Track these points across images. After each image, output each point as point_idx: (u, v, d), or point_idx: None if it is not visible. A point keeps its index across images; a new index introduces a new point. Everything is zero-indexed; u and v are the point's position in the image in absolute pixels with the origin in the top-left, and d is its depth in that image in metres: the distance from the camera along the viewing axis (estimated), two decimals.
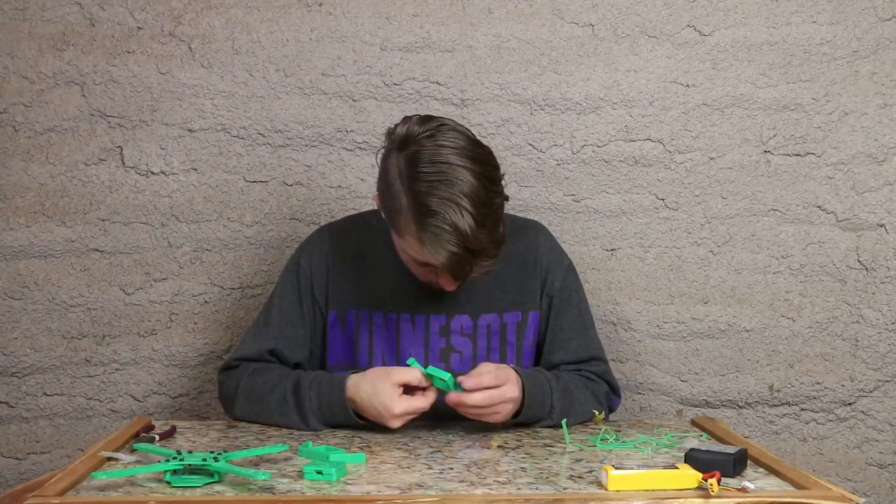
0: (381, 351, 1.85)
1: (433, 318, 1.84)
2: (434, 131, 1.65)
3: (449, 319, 1.84)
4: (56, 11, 2.18)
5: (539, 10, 2.20)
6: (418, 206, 1.61)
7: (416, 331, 1.84)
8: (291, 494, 1.34)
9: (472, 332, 1.84)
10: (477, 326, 1.85)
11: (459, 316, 1.85)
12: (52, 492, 1.32)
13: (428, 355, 1.84)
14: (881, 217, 2.23)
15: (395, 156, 1.67)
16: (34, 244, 2.20)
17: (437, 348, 1.84)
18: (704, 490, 1.34)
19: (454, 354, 1.84)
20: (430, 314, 1.84)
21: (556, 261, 1.90)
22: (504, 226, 1.69)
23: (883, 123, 2.22)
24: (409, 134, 1.66)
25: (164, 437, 1.68)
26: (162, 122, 2.20)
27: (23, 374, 2.23)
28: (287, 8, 2.20)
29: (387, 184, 1.67)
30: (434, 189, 1.61)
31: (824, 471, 2.24)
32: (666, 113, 2.21)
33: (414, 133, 1.65)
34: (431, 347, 1.84)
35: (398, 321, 1.85)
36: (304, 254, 1.91)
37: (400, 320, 1.84)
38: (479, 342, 1.84)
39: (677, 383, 2.24)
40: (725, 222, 2.23)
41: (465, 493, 1.34)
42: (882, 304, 2.23)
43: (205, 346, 2.23)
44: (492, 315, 1.86)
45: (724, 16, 2.21)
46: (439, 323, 1.84)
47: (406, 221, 1.65)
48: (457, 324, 1.84)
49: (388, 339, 1.85)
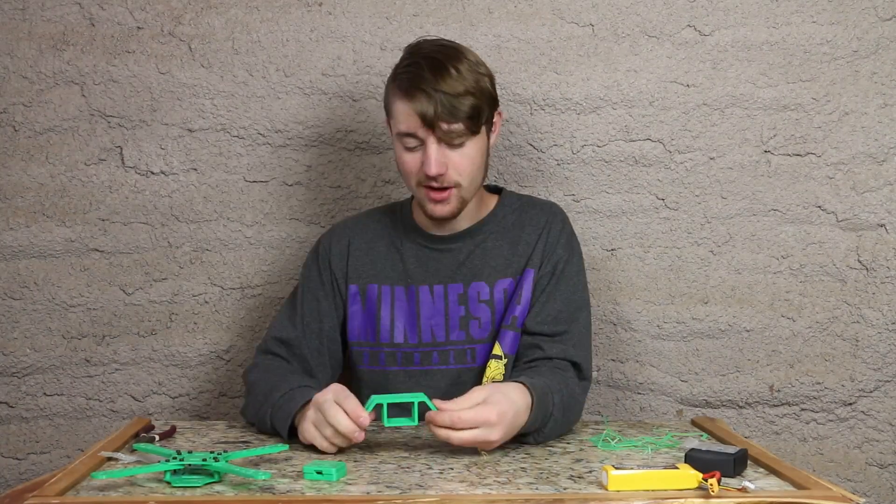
0: (403, 324, 1.87)
1: (451, 287, 1.87)
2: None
3: (466, 287, 1.86)
4: (56, 11, 2.18)
5: (539, 10, 2.20)
6: (396, 65, 1.83)
7: (435, 302, 1.87)
8: (291, 494, 1.34)
9: (489, 299, 1.86)
10: (494, 292, 1.86)
11: (477, 283, 1.87)
12: (52, 492, 1.32)
13: (448, 325, 1.86)
14: (881, 217, 2.22)
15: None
16: (34, 244, 2.20)
17: (457, 317, 1.86)
18: (704, 490, 1.34)
19: (473, 321, 1.85)
20: (447, 283, 1.87)
21: (567, 239, 1.90)
22: (485, 81, 1.81)
23: (883, 123, 2.22)
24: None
25: (164, 437, 1.68)
26: (162, 122, 2.20)
27: (23, 374, 2.23)
28: (287, 8, 2.20)
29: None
30: (411, 55, 1.82)
31: (824, 471, 2.24)
32: (666, 113, 2.21)
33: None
34: (451, 317, 1.86)
35: (417, 293, 1.88)
36: (325, 237, 1.97)
37: (419, 292, 1.88)
38: (496, 307, 1.85)
39: (677, 383, 2.24)
40: (725, 222, 2.23)
41: (465, 493, 1.34)
42: (882, 304, 2.23)
43: (205, 346, 2.23)
44: (507, 280, 1.87)
45: (724, 16, 2.21)
46: (457, 292, 1.86)
47: (388, 88, 1.83)
48: (474, 291, 1.86)
49: (408, 313, 1.87)
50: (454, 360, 1.86)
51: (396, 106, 1.80)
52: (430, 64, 1.77)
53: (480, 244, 1.89)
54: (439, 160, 1.77)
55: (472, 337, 1.85)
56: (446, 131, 1.75)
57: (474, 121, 1.77)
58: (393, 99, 1.81)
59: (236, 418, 2.22)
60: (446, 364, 1.86)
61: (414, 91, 1.75)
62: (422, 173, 1.79)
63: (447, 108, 1.74)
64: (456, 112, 1.74)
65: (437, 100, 1.73)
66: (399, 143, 1.82)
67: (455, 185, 1.80)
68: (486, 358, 1.85)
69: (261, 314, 2.23)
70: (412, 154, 1.80)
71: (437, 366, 1.86)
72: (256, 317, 2.23)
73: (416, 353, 1.86)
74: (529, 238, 1.88)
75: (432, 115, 1.74)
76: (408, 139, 1.79)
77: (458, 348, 1.86)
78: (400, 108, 1.79)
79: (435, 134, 1.76)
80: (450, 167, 1.78)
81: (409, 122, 1.77)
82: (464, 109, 1.75)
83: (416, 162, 1.80)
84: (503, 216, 1.92)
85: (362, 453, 1.58)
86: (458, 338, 1.86)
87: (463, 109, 1.75)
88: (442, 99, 1.73)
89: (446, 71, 1.76)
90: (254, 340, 2.23)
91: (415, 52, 1.82)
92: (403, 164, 1.82)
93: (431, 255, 1.89)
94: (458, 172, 1.79)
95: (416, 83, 1.75)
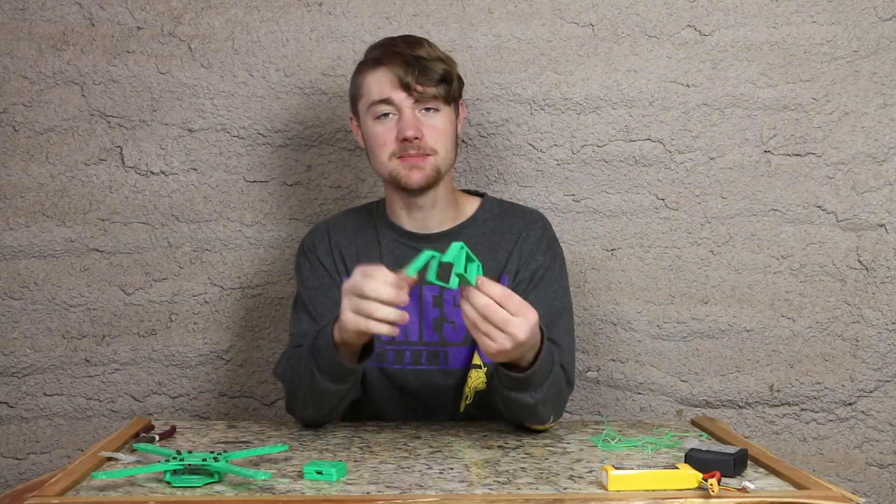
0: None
1: (426, 287, 1.84)
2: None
3: (442, 289, 1.84)
4: (56, 11, 2.18)
5: (539, 10, 2.20)
6: (362, 59, 1.87)
7: (410, 300, 1.84)
8: (291, 494, 1.34)
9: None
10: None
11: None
12: (52, 492, 1.32)
13: (422, 325, 1.85)
14: (881, 217, 2.23)
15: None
16: (34, 244, 2.20)
17: (431, 318, 1.84)
18: (704, 490, 1.34)
19: (447, 325, 1.84)
20: (423, 284, 1.84)
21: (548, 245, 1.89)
22: (453, 63, 1.85)
23: (883, 123, 2.22)
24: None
25: (164, 437, 1.68)
26: (162, 122, 2.20)
27: (23, 374, 2.23)
28: (287, 8, 2.20)
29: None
30: (378, 41, 1.87)
31: (824, 471, 2.24)
32: (666, 113, 2.21)
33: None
34: (425, 317, 1.85)
35: None
36: (306, 238, 1.95)
37: None
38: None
39: (677, 383, 2.24)
40: (725, 222, 2.23)
41: (465, 493, 1.34)
42: (882, 304, 2.23)
43: (205, 346, 2.23)
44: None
45: (724, 16, 2.21)
46: (432, 293, 1.85)
47: (356, 75, 1.86)
48: (449, 294, 1.85)
49: None
50: (426, 360, 1.85)
51: (367, 79, 1.82)
52: (402, 38, 1.86)
53: None
54: (415, 123, 1.78)
55: (446, 339, 1.84)
56: (422, 93, 1.78)
57: (447, 86, 1.81)
58: (362, 76, 1.84)
59: (236, 418, 2.22)
60: (418, 364, 1.85)
61: (389, 55, 1.79)
62: (397, 142, 1.79)
63: (422, 70, 1.78)
64: (430, 74, 1.78)
65: (412, 62, 1.78)
66: (370, 119, 1.82)
67: (431, 153, 1.80)
68: (460, 362, 1.84)
69: (261, 314, 2.23)
70: (385, 125, 1.80)
71: (409, 365, 1.85)
72: (256, 317, 2.23)
73: (389, 352, 1.85)
74: (507, 245, 1.87)
75: (409, 78, 1.77)
76: (381, 106, 1.80)
77: (431, 349, 1.85)
78: (372, 78, 1.81)
79: (411, 96, 1.78)
80: (426, 133, 1.79)
81: (382, 88, 1.79)
82: (438, 72, 1.79)
83: (390, 133, 1.80)
84: (483, 221, 1.90)
85: (362, 453, 1.58)
86: (430, 339, 1.85)
87: (437, 72, 1.79)
88: (416, 62, 1.78)
89: (418, 42, 1.84)
90: (254, 340, 2.23)
91: (382, 39, 1.89)
92: (375, 138, 1.82)
93: (409, 252, 1.86)
94: (434, 139, 1.80)
95: (390, 50, 1.81)
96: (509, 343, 1.50)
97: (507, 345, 1.50)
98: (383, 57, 1.80)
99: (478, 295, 1.49)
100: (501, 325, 1.49)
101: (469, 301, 1.50)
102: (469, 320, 1.50)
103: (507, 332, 1.49)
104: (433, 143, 1.80)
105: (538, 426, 1.72)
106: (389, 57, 1.79)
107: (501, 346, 1.50)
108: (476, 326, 1.50)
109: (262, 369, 2.24)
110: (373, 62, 1.82)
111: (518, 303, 1.50)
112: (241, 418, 2.23)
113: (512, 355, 1.54)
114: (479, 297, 1.49)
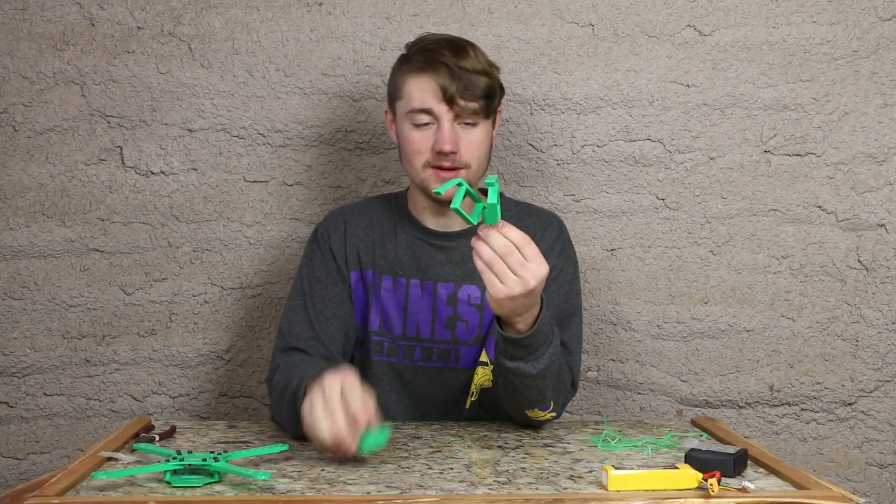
0: (391, 315, 1.86)
1: (441, 285, 1.85)
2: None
3: (457, 288, 1.85)
4: (56, 11, 2.18)
5: (539, 10, 2.20)
6: (403, 53, 1.84)
7: (424, 297, 1.85)
8: (291, 494, 1.34)
9: (479, 303, 1.85)
10: (484, 297, 1.84)
11: (468, 286, 1.85)
12: (52, 492, 1.32)
13: (435, 322, 1.85)
14: (881, 217, 2.23)
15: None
16: (34, 244, 2.20)
17: (444, 316, 1.84)
18: (704, 490, 1.34)
19: (460, 323, 1.84)
20: (438, 281, 1.85)
21: (563, 248, 1.89)
22: (496, 70, 1.83)
23: (883, 123, 2.22)
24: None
25: (164, 437, 1.68)
26: (162, 122, 2.20)
27: (23, 374, 2.23)
28: (287, 8, 2.20)
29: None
30: (422, 40, 1.84)
31: (824, 471, 2.24)
32: (666, 113, 2.21)
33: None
34: (438, 315, 1.85)
35: (408, 286, 1.86)
36: (321, 224, 1.93)
37: (409, 286, 1.86)
38: (486, 311, 1.84)
39: (677, 383, 2.24)
40: (725, 222, 2.23)
41: (465, 493, 1.34)
42: (882, 304, 2.23)
43: (205, 346, 2.23)
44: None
45: (724, 16, 2.21)
46: (447, 291, 1.85)
47: (397, 72, 1.83)
48: (464, 293, 1.85)
49: (397, 304, 1.86)
50: (437, 358, 1.85)
51: (409, 83, 1.79)
52: (448, 43, 1.80)
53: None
54: (453, 137, 1.76)
55: (458, 338, 1.84)
56: (463, 108, 1.76)
57: (488, 101, 1.78)
58: (404, 78, 1.80)
59: (236, 418, 2.22)
60: (429, 361, 1.85)
61: (435, 65, 1.76)
62: (432, 152, 1.77)
63: (466, 84, 1.75)
64: (474, 89, 1.76)
65: (457, 75, 1.75)
66: (407, 123, 1.80)
67: (464, 167, 1.79)
68: (470, 361, 1.84)
69: (261, 314, 2.23)
70: (422, 132, 1.78)
71: (419, 362, 1.85)
72: (256, 317, 2.23)
73: (400, 347, 1.85)
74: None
75: (453, 90, 1.74)
76: (420, 115, 1.77)
77: (442, 347, 1.85)
78: (414, 83, 1.78)
79: (452, 110, 1.76)
80: (462, 147, 1.77)
81: (424, 97, 1.76)
82: (481, 87, 1.77)
83: (426, 140, 1.78)
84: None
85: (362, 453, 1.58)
86: (442, 337, 1.85)
87: (480, 87, 1.77)
88: (462, 75, 1.75)
89: (465, 50, 1.79)
90: (254, 340, 2.23)
91: (426, 37, 1.85)
92: (411, 144, 1.79)
93: (425, 249, 1.87)
94: (469, 154, 1.78)
95: (436, 58, 1.77)
96: (519, 288, 1.50)
97: (517, 290, 1.50)
98: (428, 64, 1.77)
99: (497, 235, 1.50)
100: (516, 268, 1.50)
101: (486, 240, 1.50)
102: (483, 260, 1.51)
103: (520, 276, 1.50)
104: (468, 158, 1.78)
105: (540, 414, 1.72)
106: (435, 66, 1.76)
107: (510, 290, 1.50)
108: (490, 266, 1.50)
109: (261, 369, 2.24)
110: (417, 67, 1.78)
111: (535, 251, 1.51)
112: (241, 418, 2.23)
113: (515, 305, 1.54)
114: (498, 237, 1.50)
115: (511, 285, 1.50)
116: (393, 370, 1.86)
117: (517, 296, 1.51)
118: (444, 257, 1.87)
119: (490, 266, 1.50)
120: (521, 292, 1.50)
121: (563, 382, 1.74)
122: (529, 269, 1.50)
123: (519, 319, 1.58)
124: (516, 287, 1.50)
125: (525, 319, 1.58)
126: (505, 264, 1.50)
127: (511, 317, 1.57)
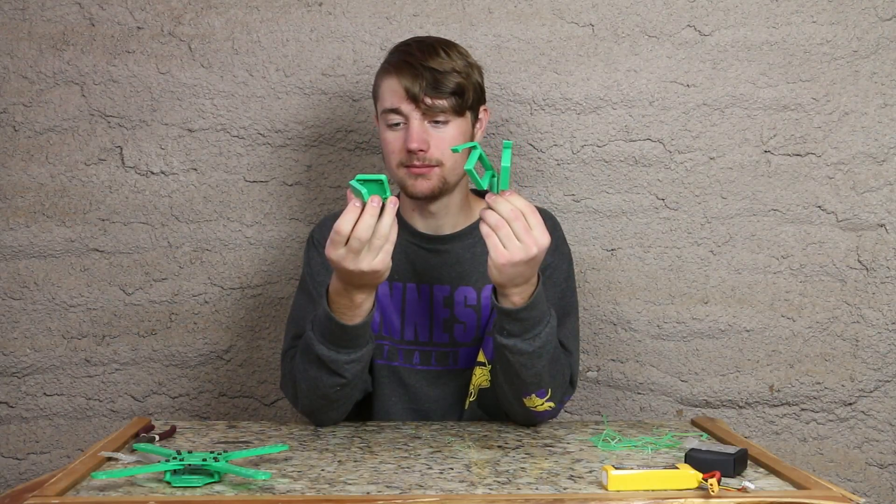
0: (388, 319, 1.86)
1: (437, 288, 1.86)
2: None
3: (453, 291, 1.86)
4: (56, 11, 2.18)
5: (539, 10, 2.20)
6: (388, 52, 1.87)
7: (421, 300, 1.86)
8: (291, 494, 1.34)
9: (476, 304, 1.85)
10: (481, 297, 1.85)
11: (464, 288, 1.86)
12: (52, 492, 1.32)
13: (433, 325, 1.85)
14: (881, 217, 2.23)
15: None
16: (34, 244, 2.20)
17: (441, 318, 1.85)
18: (704, 490, 1.34)
19: (458, 325, 1.85)
20: (434, 284, 1.86)
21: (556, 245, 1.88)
22: (474, 70, 1.82)
23: (883, 123, 2.22)
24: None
25: (164, 437, 1.68)
26: (162, 122, 2.20)
27: (23, 374, 2.23)
28: (287, 8, 2.20)
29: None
30: (403, 42, 1.86)
31: (824, 471, 2.24)
32: (666, 113, 2.21)
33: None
34: (436, 318, 1.85)
35: (404, 290, 1.87)
36: (316, 229, 1.94)
37: (406, 290, 1.87)
38: (483, 312, 1.85)
39: (677, 383, 2.24)
40: (725, 222, 2.23)
41: (465, 493, 1.34)
42: (882, 304, 2.23)
43: (205, 346, 2.23)
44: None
45: (724, 16, 2.21)
46: (443, 294, 1.85)
47: (378, 73, 1.84)
48: (461, 295, 1.86)
49: (394, 309, 1.86)
50: (436, 361, 1.85)
51: (382, 85, 1.81)
52: (419, 44, 1.83)
53: (470, 248, 1.87)
54: (421, 135, 1.76)
55: (456, 340, 1.85)
56: (430, 106, 1.76)
57: (458, 98, 1.78)
58: (380, 80, 1.83)
59: (236, 418, 2.22)
60: (428, 364, 1.86)
61: (401, 66, 1.78)
62: (403, 152, 1.78)
63: (431, 83, 1.76)
64: (440, 87, 1.76)
65: (422, 74, 1.76)
66: (383, 124, 1.82)
67: (437, 164, 1.79)
68: (468, 362, 1.85)
69: (261, 314, 2.23)
70: (395, 132, 1.80)
71: (418, 365, 1.85)
72: (256, 317, 2.23)
73: (400, 350, 1.86)
74: None
75: (416, 89, 1.75)
76: (392, 115, 1.79)
77: (441, 350, 1.85)
78: (386, 84, 1.80)
79: (419, 108, 1.76)
80: (432, 145, 1.77)
81: (393, 97, 1.78)
82: (448, 85, 1.77)
83: (398, 140, 1.79)
84: None
85: (362, 453, 1.58)
86: (441, 339, 1.85)
87: (448, 85, 1.77)
88: (427, 74, 1.76)
89: (434, 51, 1.80)
90: (254, 340, 2.23)
91: (407, 40, 1.86)
92: (386, 144, 1.82)
93: (420, 253, 1.87)
94: (441, 151, 1.78)
95: (403, 58, 1.79)
96: (521, 254, 1.56)
97: (519, 255, 1.56)
98: (395, 65, 1.79)
99: (504, 201, 1.56)
100: (520, 234, 1.56)
101: (493, 206, 1.56)
102: (489, 224, 1.57)
103: (523, 242, 1.56)
104: (439, 155, 1.78)
105: (538, 402, 1.72)
106: (400, 66, 1.78)
107: (512, 255, 1.56)
108: (496, 230, 1.56)
109: (262, 369, 2.24)
110: (387, 68, 1.81)
111: (539, 221, 1.58)
112: (241, 418, 2.23)
113: (515, 273, 1.58)
114: (505, 203, 1.56)
115: (514, 250, 1.56)
116: (393, 374, 1.86)
117: (518, 262, 1.56)
118: (438, 260, 1.87)
119: (496, 230, 1.56)
120: (523, 258, 1.56)
121: (561, 372, 1.75)
122: (533, 236, 1.56)
123: (516, 291, 1.62)
124: (518, 252, 1.56)
125: (522, 292, 1.62)
126: (510, 229, 1.56)
127: (508, 287, 1.61)
